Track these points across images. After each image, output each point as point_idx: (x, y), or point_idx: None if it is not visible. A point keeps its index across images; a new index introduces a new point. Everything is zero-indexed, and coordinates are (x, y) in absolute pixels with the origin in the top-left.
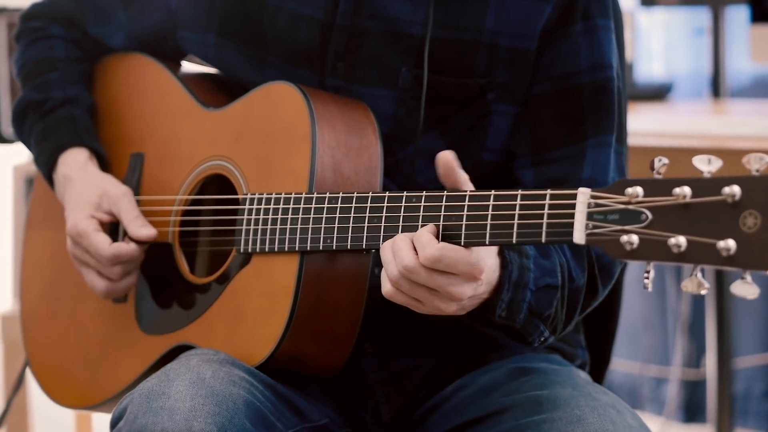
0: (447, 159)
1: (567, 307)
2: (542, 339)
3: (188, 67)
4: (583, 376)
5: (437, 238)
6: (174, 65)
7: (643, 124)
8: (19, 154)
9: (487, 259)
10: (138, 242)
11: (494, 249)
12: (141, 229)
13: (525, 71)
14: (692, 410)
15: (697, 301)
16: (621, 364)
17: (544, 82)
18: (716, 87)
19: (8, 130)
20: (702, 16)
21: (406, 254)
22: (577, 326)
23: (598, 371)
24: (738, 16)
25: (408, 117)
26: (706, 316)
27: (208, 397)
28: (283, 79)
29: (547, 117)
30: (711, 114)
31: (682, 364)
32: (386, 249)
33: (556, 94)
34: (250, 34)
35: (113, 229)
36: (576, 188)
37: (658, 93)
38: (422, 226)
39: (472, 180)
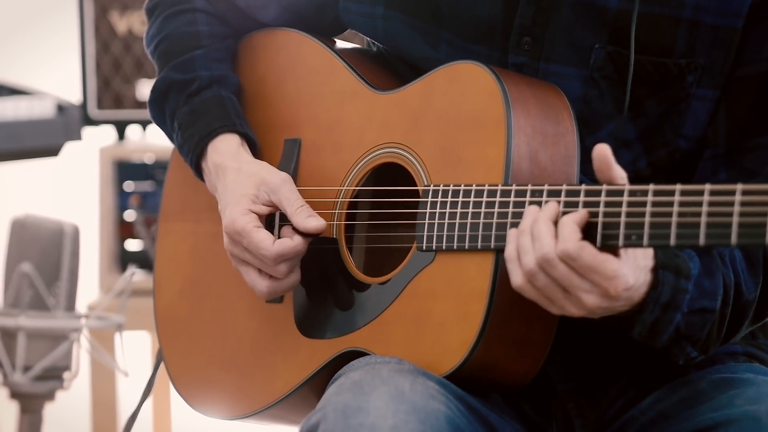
0: (604, 153)
1: (729, 324)
2: (690, 358)
3: (341, 44)
4: None
5: (584, 230)
6: (330, 42)
7: None
8: (106, 136)
9: (629, 277)
10: (303, 234)
11: (648, 266)
12: (308, 220)
13: (728, 52)
14: None
15: None
16: None
17: (750, 65)
18: None
19: (94, 111)
20: None
21: (547, 242)
22: None
23: None
24: None
25: (599, 99)
26: None
27: (411, 413)
28: (458, 56)
29: (749, 102)
30: None
31: None
32: (525, 233)
33: (763, 78)
34: (423, 6)
35: (269, 221)
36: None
37: None
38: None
39: (666, 170)
